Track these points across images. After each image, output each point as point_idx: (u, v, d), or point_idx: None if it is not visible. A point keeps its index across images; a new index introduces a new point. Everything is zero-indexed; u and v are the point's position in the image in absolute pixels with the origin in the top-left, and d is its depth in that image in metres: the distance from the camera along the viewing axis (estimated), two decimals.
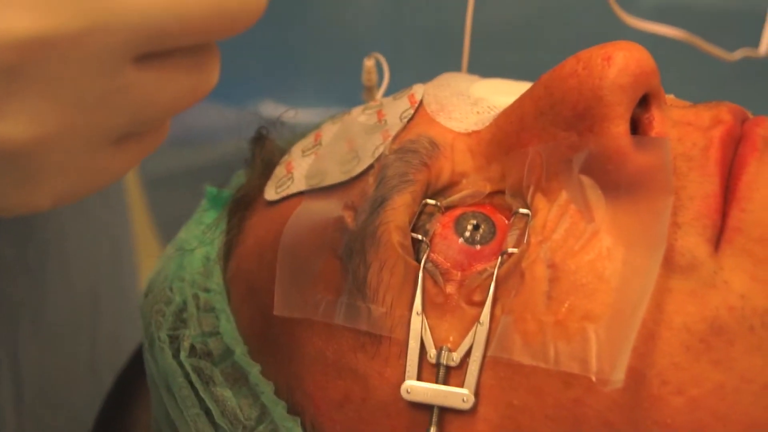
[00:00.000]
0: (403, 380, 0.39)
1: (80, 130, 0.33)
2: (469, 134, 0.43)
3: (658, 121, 0.40)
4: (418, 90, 0.45)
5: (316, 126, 0.49)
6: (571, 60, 0.40)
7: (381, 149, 0.42)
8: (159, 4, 0.32)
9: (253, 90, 0.85)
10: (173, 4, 0.32)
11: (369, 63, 0.50)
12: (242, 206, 0.47)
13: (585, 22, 0.79)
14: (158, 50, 0.34)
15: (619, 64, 0.39)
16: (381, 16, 0.85)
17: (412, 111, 0.44)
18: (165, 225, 0.95)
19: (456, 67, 0.52)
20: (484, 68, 0.54)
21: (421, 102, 0.44)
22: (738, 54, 0.56)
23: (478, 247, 0.40)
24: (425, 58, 0.88)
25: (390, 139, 0.43)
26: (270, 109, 0.86)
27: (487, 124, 0.43)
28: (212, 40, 0.35)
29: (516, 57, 0.84)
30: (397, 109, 0.44)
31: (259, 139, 0.49)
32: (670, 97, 0.43)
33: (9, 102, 0.32)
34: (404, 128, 0.43)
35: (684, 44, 0.56)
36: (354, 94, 0.86)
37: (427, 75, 0.54)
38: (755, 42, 0.55)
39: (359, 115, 0.46)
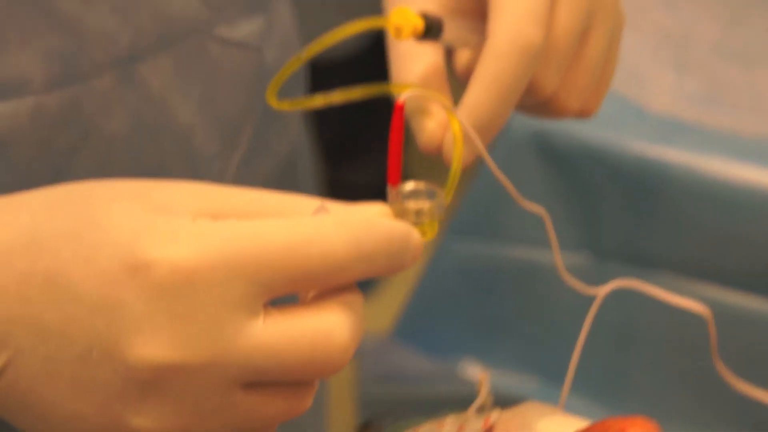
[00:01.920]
0: None
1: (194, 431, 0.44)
2: None
3: None
4: (495, 415, 0.55)
5: (417, 423, 0.60)
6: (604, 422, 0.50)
7: None
8: (262, 351, 0.42)
9: (458, 346, 0.97)
10: (272, 353, 0.42)
11: (482, 377, 0.61)
12: None
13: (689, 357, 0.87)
14: (261, 381, 0.44)
15: None
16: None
17: None
18: None
19: None
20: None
21: (491, 427, 0.55)
22: None
23: None
24: None
25: None
26: (470, 365, 0.96)
27: None
28: (304, 381, 0.45)
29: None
30: (473, 428, 0.55)
31: (368, 426, 0.61)
32: None
33: (143, 405, 0.42)
34: None
35: None
36: (551, 364, 0.97)
37: None
38: None
39: (448, 425, 0.57)
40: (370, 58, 1.75)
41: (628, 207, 0.93)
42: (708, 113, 0.98)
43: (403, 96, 0.50)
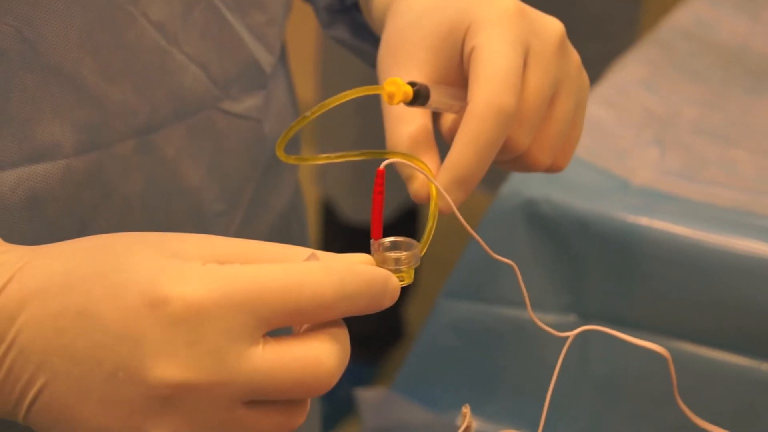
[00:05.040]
0: None
1: None
2: None
3: None
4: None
5: None
6: None
7: None
8: (261, 373, 0.49)
9: (455, 400, 1.03)
10: (269, 375, 0.49)
11: (465, 410, 0.67)
12: None
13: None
14: (261, 399, 0.50)
15: None
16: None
17: None
18: None
19: None
20: None
21: None
22: None
23: None
24: None
25: None
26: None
27: None
28: (297, 399, 0.51)
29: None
30: None
31: None
32: None
33: (161, 419, 0.49)
34: None
35: None
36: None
37: None
38: None
39: None
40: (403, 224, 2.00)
41: (611, 271, 0.99)
42: (687, 186, 1.05)
43: (384, 163, 0.57)
